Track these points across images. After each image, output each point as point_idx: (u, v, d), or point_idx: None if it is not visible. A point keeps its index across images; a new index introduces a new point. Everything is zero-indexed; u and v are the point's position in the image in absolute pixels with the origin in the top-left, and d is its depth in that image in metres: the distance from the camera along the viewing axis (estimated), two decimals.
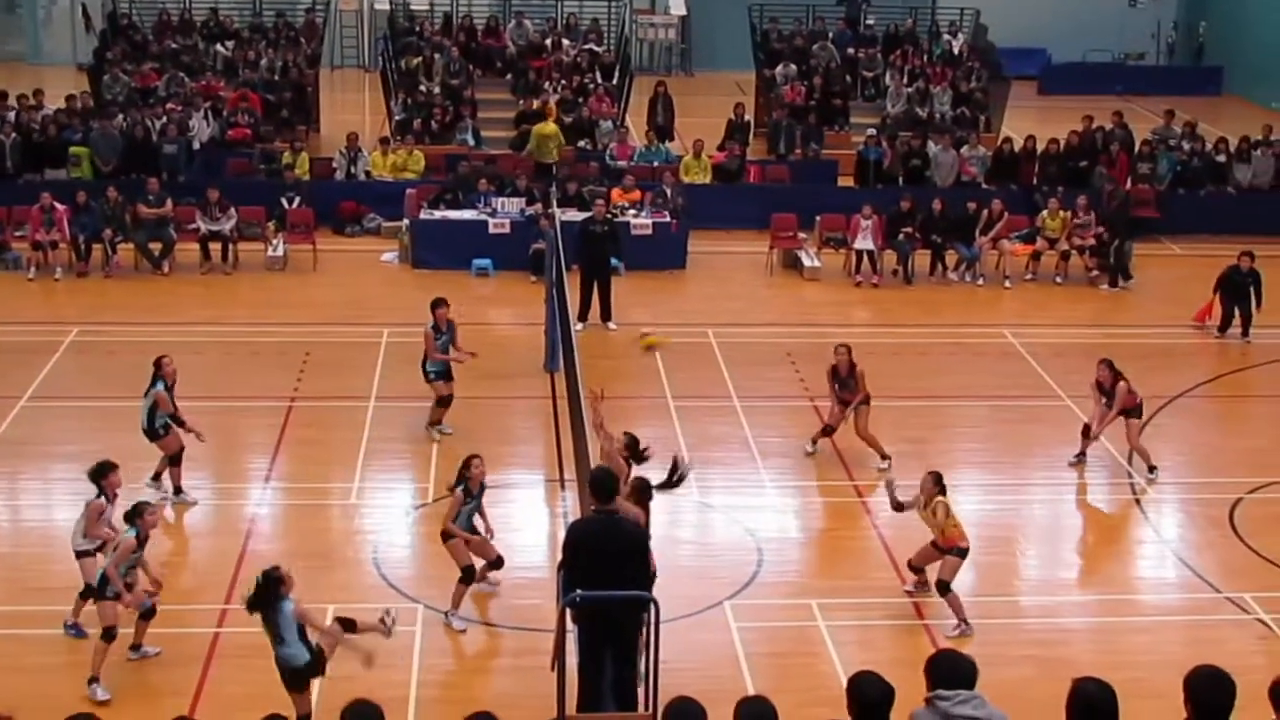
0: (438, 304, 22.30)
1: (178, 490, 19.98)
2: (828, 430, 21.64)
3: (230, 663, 15.99)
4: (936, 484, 17.31)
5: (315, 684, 14.50)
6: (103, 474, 16.75)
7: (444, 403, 22.16)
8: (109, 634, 15.34)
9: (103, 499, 16.67)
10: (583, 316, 26.71)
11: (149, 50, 41.26)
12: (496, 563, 17.66)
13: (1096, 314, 29.17)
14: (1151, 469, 21.42)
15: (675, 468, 17.03)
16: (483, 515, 17.46)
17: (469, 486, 17.04)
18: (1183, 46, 55.34)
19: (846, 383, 21.37)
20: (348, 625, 14.78)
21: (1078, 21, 51.95)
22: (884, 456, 21.35)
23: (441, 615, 16.94)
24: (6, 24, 54.11)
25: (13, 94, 35.72)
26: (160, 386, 19.77)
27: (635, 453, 17.09)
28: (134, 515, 15.76)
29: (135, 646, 15.93)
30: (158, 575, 16.26)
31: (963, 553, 17.15)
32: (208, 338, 26.40)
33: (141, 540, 15.74)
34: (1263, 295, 27.22)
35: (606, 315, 26.90)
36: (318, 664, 14.35)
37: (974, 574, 18.96)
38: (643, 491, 15.80)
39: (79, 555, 16.56)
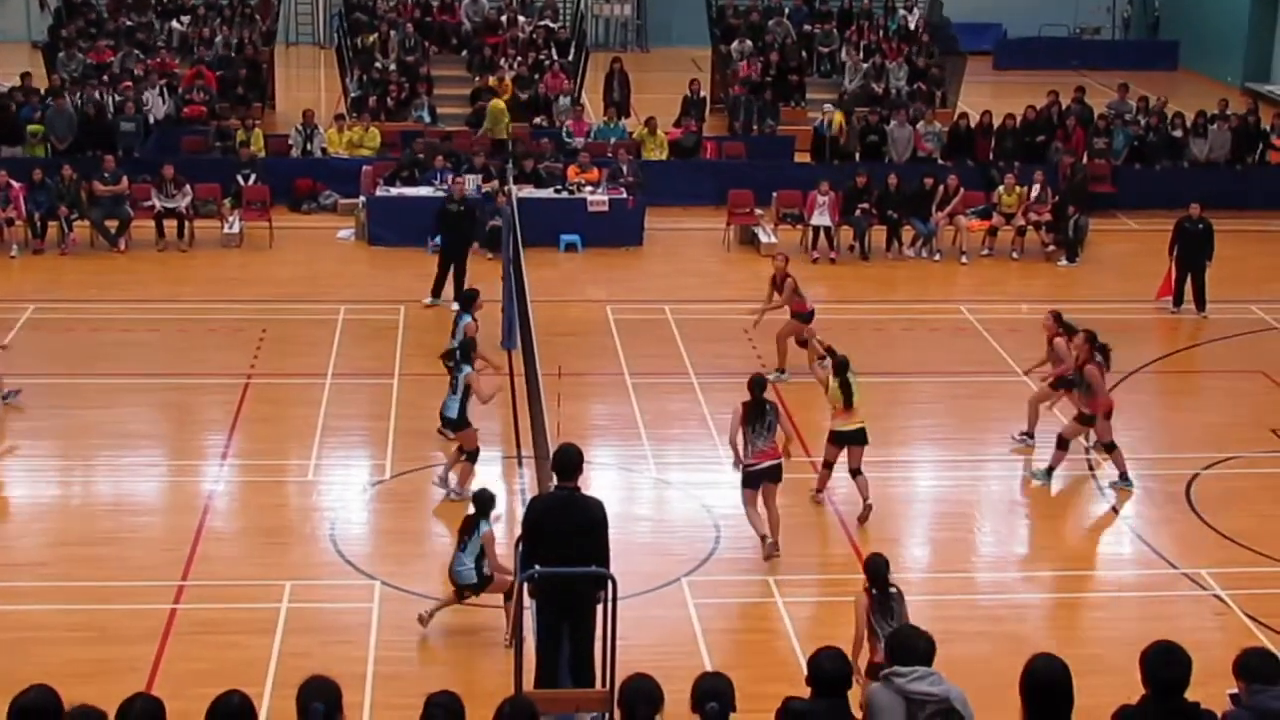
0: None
1: None
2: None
3: (186, 639, 15.96)
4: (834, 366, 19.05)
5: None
6: None
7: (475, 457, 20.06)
8: None
9: None
10: (435, 293, 26.73)
11: (104, 27, 41.05)
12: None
13: (1052, 289, 29.23)
14: (1027, 435, 21.67)
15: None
16: None
17: None
18: (1138, 21, 55.51)
19: (782, 293, 23.27)
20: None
21: None
22: (780, 370, 23.30)
23: (400, 591, 16.94)
24: None
25: None
26: None
27: None
28: None
29: None
30: None
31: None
32: (164, 315, 26.33)
33: None
34: (1213, 248, 27.32)
35: (458, 295, 24.84)
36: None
37: (930, 550, 19.10)
38: None
39: None
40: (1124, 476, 20.43)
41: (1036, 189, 31.15)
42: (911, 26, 43.44)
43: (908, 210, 30.90)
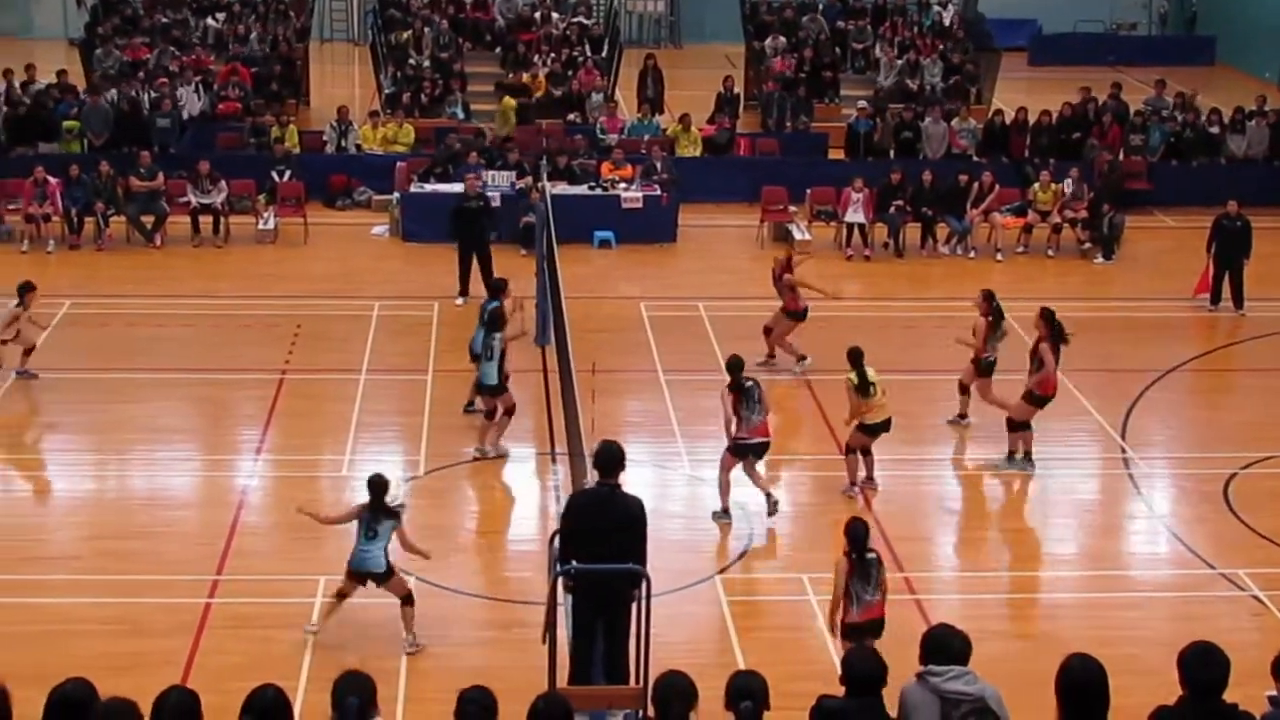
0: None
1: None
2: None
3: (220, 633, 16.03)
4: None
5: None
6: None
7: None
8: None
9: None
10: (463, 291, 26.76)
11: (140, 24, 41.15)
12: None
13: (1088, 287, 29.16)
14: (961, 417, 21.96)
15: None
16: None
17: None
18: (1175, 16, 55.24)
19: (780, 289, 23.24)
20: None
21: None
22: (801, 357, 23.67)
23: (434, 586, 16.95)
24: None
25: (4, 68, 35.64)
26: None
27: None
28: None
29: None
30: None
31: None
32: (199, 310, 26.42)
33: None
34: (1251, 245, 27.20)
35: (490, 290, 26.27)
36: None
37: (963, 548, 19.05)
38: None
39: None
40: (1026, 456, 20.66)
41: (1072, 186, 31.02)
42: (946, 22, 43.30)
43: (942, 207, 30.82)
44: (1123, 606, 17.53)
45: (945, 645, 9.62)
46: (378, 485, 15.80)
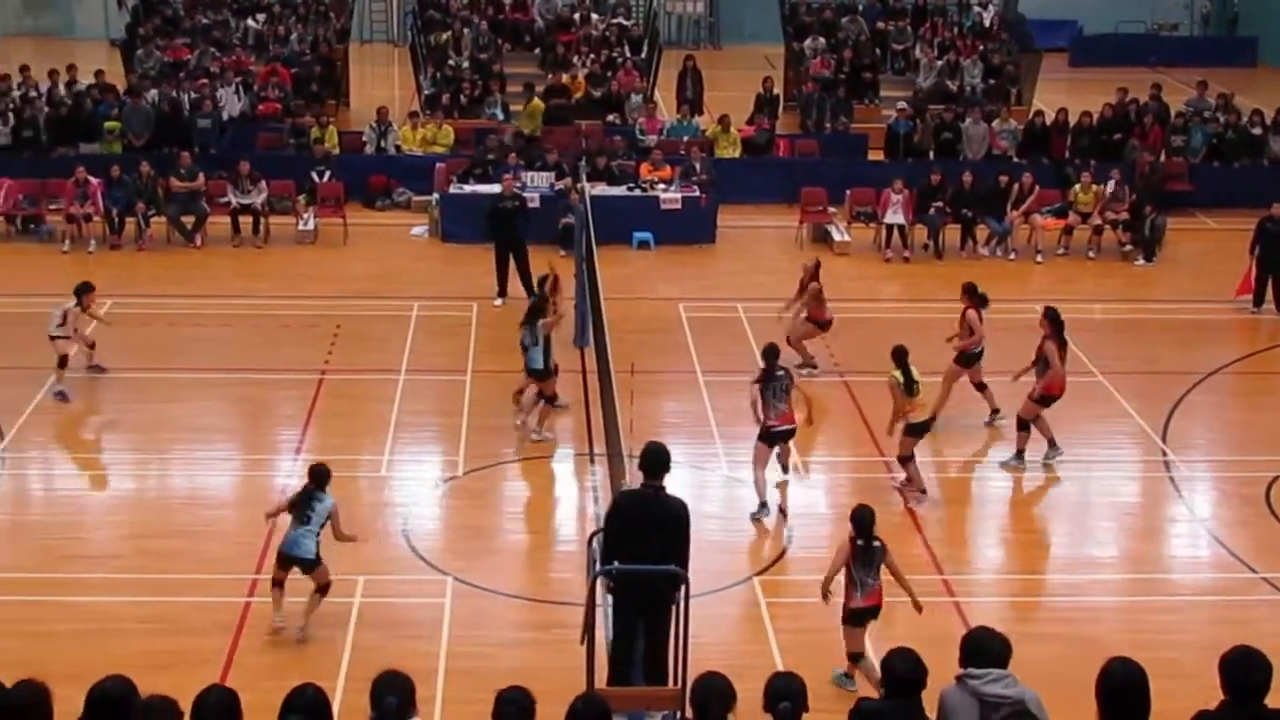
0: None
1: None
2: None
3: (260, 632, 16.05)
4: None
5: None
6: None
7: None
8: None
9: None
10: (501, 292, 26.78)
11: (180, 25, 41.31)
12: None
13: (1128, 289, 29.05)
14: (994, 412, 22.07)
15: None
16: None
17: None
18: (1217, 17, 55.05)
19: (805, 296, 23.40)
20: None
21: None
22: (810, 366, 23.69)
23: (472, 587, 16.97)
24: None
25: (47, 69, 35.85)
26: None
27: None
28: None
29: None
30: None
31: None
32: (239, 310, 26.50)
33: None
34: None
35: (529, 289, 26.16)
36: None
37: (1003, 551, 19.00)
38: None
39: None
40: (1019, 454, 20.67)
41: (1113, 187, 30.91)
42: (986, 23, 43.19)
43: (982, 209, 30.74)
44: (1164, 610, 17.44)
45: (985, 648, 9.58)
46: (318, 473, 16.07)
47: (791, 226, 31.23)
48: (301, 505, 15.90)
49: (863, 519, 14.79)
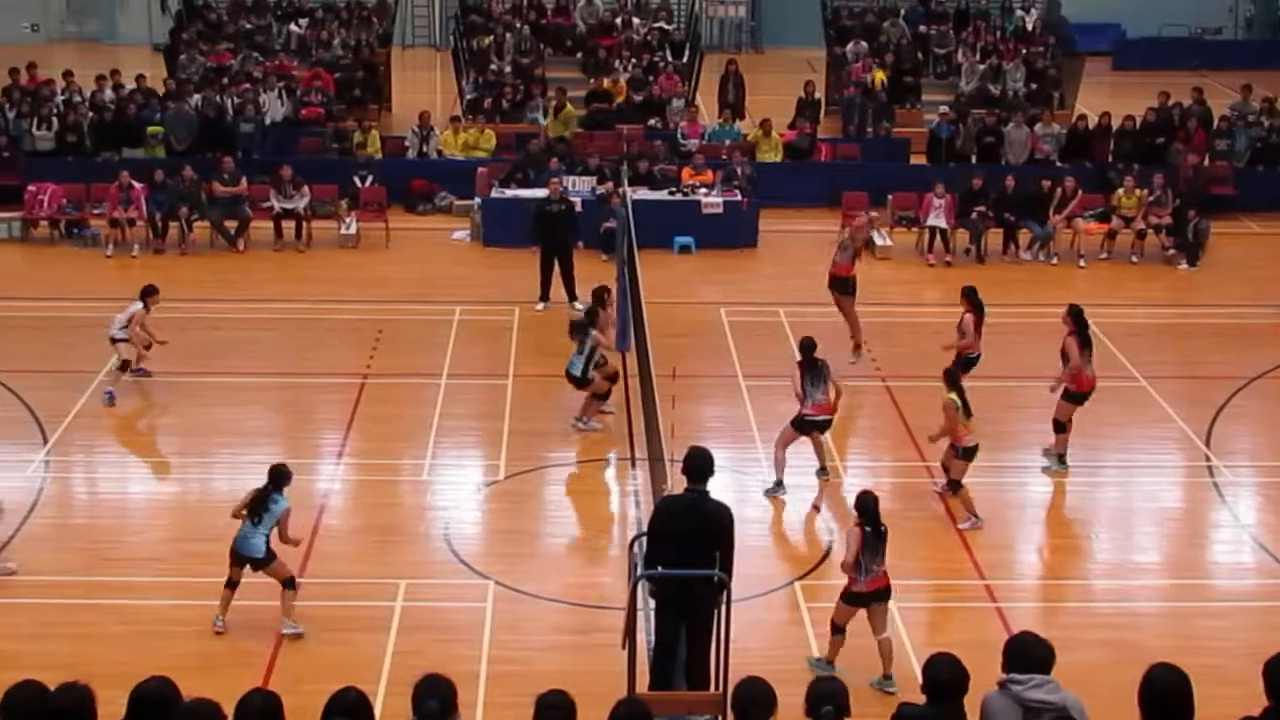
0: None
1: None
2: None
3: (303, 635, 16.08)
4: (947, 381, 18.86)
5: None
6: None
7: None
8: None
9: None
10: (543, 297, 26.78)
11: (223, 30, 41.48)
12: None
13: (1172, 293, 28.93)
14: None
15: None
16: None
17: None
18: (1261, 20, 54.73)
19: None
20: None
21: None
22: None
23: (513, 591, 16.99)
24: (85, 4, 54.45)
25: (90, 74, 36.02)
26: None
27: None
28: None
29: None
30: None
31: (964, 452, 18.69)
32: (281, 314, 26.59)
33: None
34: None
35: (571, 295, 26.55)
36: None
37: (1045, 556, 18.93)
38: None
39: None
40: (1061, 458, 20.58)
41: (1156, 191, 30.78)
42: (1029, 27, 43.09)
43: (1024, 213, 30.64)
44: (1207, 616, 17.35)
45: (1028, 653, 9.55)
46: (277, 475, 16.29)
47: (833, 231, 31.10)
48: (256, 505, 16.10)
49: (868, 506, 15.18)
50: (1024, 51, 41.10)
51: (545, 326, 25.46)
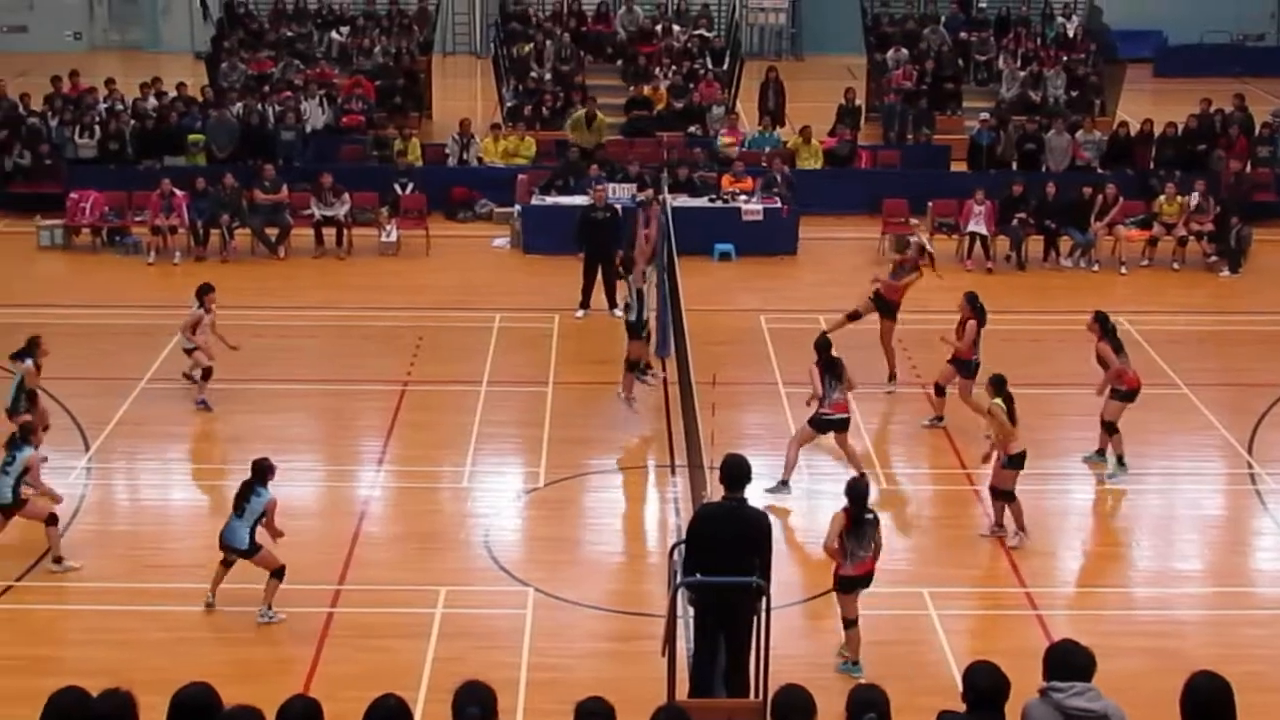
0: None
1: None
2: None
3: (342, 642, 16.15)
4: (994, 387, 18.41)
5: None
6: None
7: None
8: None
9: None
10: (584, 304, 26.84)
11: (264, 38, 41.65)
12: None
13: (1213, 300, 28.81)
14: (938, 419, 22.16)
15: None
16: None
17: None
18: None
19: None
20: None
21: (1194, 2, 51.15)
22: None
23: (553, 598, 17.01)
24: (127, 12, 54.76)
25: (132, 81, 36.19)
26: (29, 362, 20.18)
27: None
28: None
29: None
30: None
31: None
32: (322, 321, 26.68)
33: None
34: None
35: (612, 302, 26.59)
36: None
37: (1086, 564, 18.86)
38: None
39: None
40: (1120, 459, 20.58)
41: (1198, 198, 30.67)
42: (1070, 34, 42.96)
43: (1065, 220, 30.55)
44: (1250, 624, 17.28)
45: (1069, 661, 9.51)
46: (258, 468, 16.56)
47: (873, 238, 31.14)
48: (240, 497, 16.44)
49: (858, 492, 15.35)
50: (1065, 58, 40.99)
51: (585, 334, 25.53)
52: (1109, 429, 20.43)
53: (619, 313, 25.21)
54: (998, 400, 18.35)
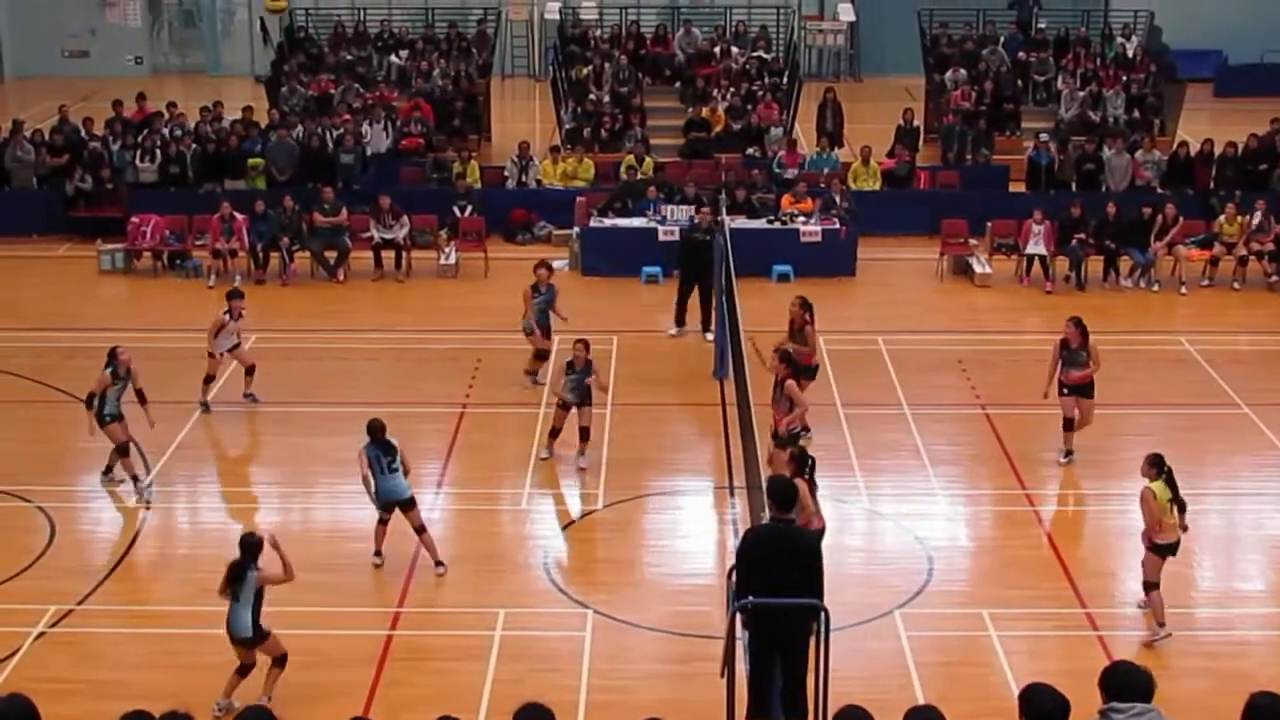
0: (538, 266, 24.81)
1: (134, 479, 20.69)
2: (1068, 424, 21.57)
3: (401, 665, 16.18)
4: (1152, 466, 16.78)
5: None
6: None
7: (542, 356, 24.25)
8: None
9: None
10: (679, 321, 26.90)
11: (324, 62, 41.93)
12: None
13: (1275, 320, 28.59)
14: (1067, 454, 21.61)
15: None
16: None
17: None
18: None
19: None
20: None
21: (1255, 22, 50.92)
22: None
23: (613, 620, 17.02)
24: (188, 37, 55.27)
25: (193, 105, 36.45)
26: (109, 372, 20.37)
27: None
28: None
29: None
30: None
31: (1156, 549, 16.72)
32: (381, 344, 26.77)
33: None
34: None
35: (706, 324, 26.57)
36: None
37: None
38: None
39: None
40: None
41: (1259, 217, 30.48)
42: (1129, 54, 42.80)
43: (1125, 240, 30.41)
44: None
45: (1128, 682, 9.47)
46: (244, 544, 15.48)
47: (932, 258, 31.07)
48: (232, 580, 15.33)
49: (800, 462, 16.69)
50: (1124, 78, 40.83)
51: (645, 356, 25.53)
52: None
53: (711, 336, 25.31)
54: (1157, 485, 16.62)
